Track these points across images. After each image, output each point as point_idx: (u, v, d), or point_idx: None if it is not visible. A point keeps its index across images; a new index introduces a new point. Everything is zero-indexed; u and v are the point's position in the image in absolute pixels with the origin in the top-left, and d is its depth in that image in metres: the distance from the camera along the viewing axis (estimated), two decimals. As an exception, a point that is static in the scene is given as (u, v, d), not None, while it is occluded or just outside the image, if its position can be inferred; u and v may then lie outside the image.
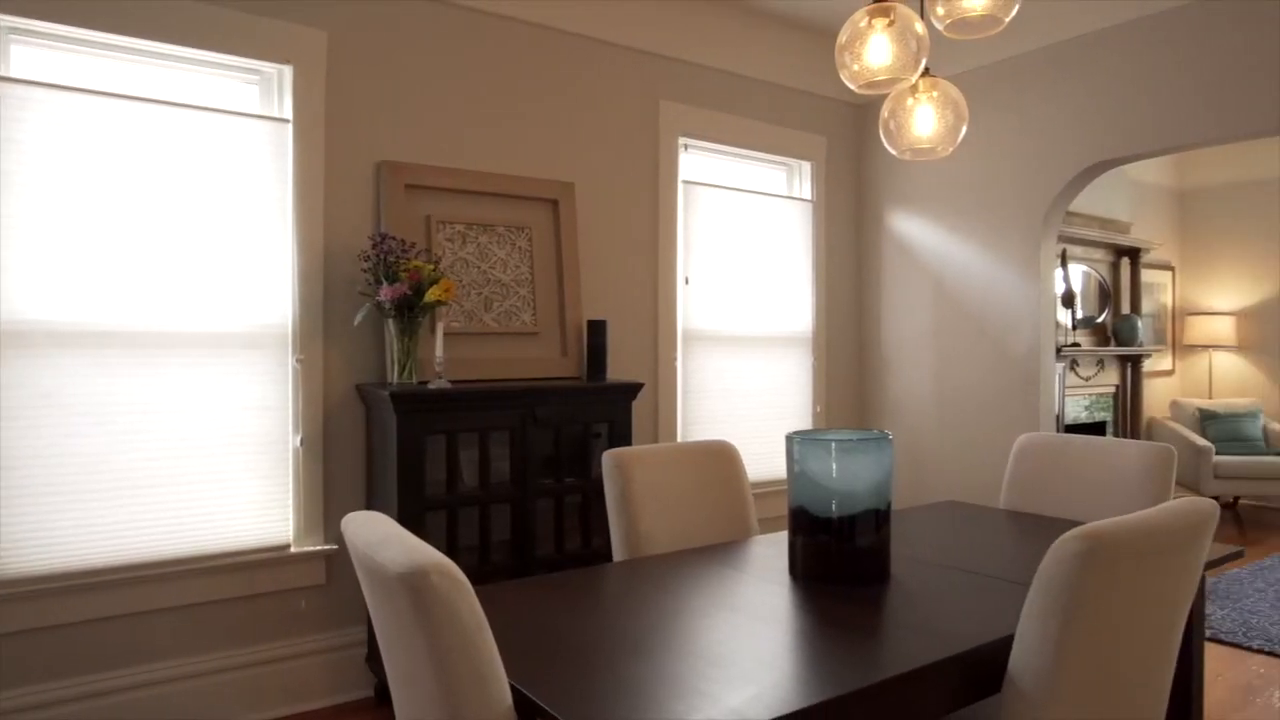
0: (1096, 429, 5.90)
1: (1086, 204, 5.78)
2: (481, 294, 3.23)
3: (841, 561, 1.80)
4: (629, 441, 3.26)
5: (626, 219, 3.77)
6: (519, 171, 3.43)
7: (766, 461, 4.24)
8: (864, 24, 1.88)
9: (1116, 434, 6.03)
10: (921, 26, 1.89)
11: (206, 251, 2.75)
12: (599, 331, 3.31)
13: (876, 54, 1.86)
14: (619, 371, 3.73)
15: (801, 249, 4.43)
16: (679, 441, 3.14)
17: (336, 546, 2.97)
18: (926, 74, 2.14)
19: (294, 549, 2.90)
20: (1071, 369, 5.63)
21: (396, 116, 3.13)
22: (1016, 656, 1.39)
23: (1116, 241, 5.94)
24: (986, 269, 4.13)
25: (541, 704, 1.19)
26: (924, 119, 2.13)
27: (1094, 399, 5.87)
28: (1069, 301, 5.67)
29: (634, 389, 3.26)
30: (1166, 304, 6.86)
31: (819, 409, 4.52)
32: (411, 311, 2.83)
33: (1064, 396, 5.53)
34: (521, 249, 3.35)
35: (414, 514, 2.73)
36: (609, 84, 3.70)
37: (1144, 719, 1.52)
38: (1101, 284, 6.06)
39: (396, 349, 2.86)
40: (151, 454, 2.66)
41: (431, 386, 2.80)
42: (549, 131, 3.52)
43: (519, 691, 1.24)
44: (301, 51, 2.91)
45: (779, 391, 4.34)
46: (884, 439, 1.79)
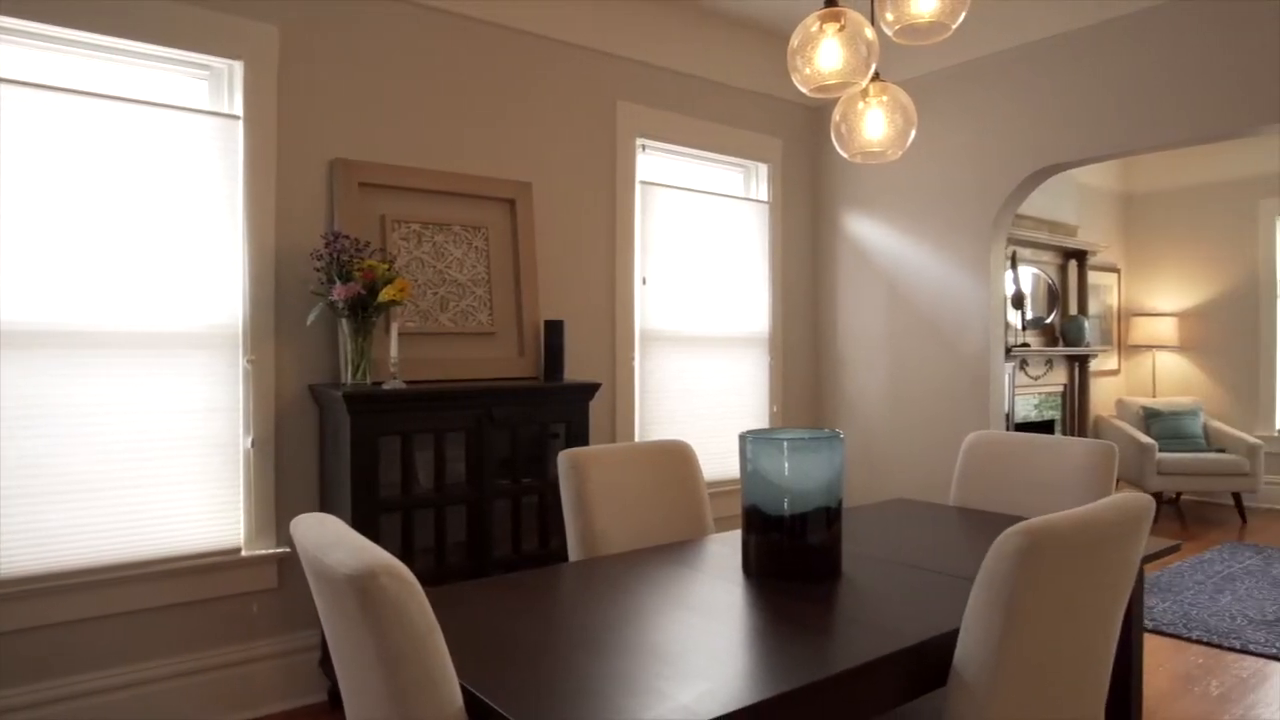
0: (1046, 427, 6.04)
1: (1036, 207, 5.92)
2: (438, 294, 3.21)
3: (793, 559, 1.82)
4: (586, 442, 3.26)
5: (584, 219, 3.77)
6: (476, 171, 3.41)
7: (724, 460, 4.28)
8: (815, 28, 1.90)
9: (1065, 432, 6.18)
10: (871, 32, 1.92)
11: (153, 250, 2.69)
12: (556, 331, 3.31)
13: (827, 58, 1.89)
14: (576, 372, 3.73)
15: (758, 250, 4.47)
16: (636, 441, 3.15)
17: (289, 550, 2.93)
18: (877, 79, 2.17)
19: (245, 552, 2.85)
20: (1021, 369, 5.76)
21: (351, 114, 3.10)
22: (961, 649, 1.43)
23: (1064, 244, 6.08)
24: (939, 270, 4.21)
25: (492, 705, 1.19)
26: (874, 123, 2.16)
27: (1043, 398, 6.01)
28: (1019, 302, 5.80)
29: (591, 389, 3.26)
30: (1112, 305, 7.05)
31: (776, 409, 4.56)
32: (365, 311, 2.80)
33: (1014, 395, 5.65)
34: (478, 249, 3.33)
35: (368, 516, 2.70)
36: (566, 84, 3.70)
37: (1084, 708, 1.57)
38: (1050, 285, 6.20)
39: (350, 349, 2.83)
40: (93, 457, 2.59)
41: (386, 387, 2.77)
42: (506, 131, 3.51)
43: (470, 693, 1.24)
44: (252, 46, 2.86)
45: (737, 391, 4.38)
46: (835, 438, 1.82)
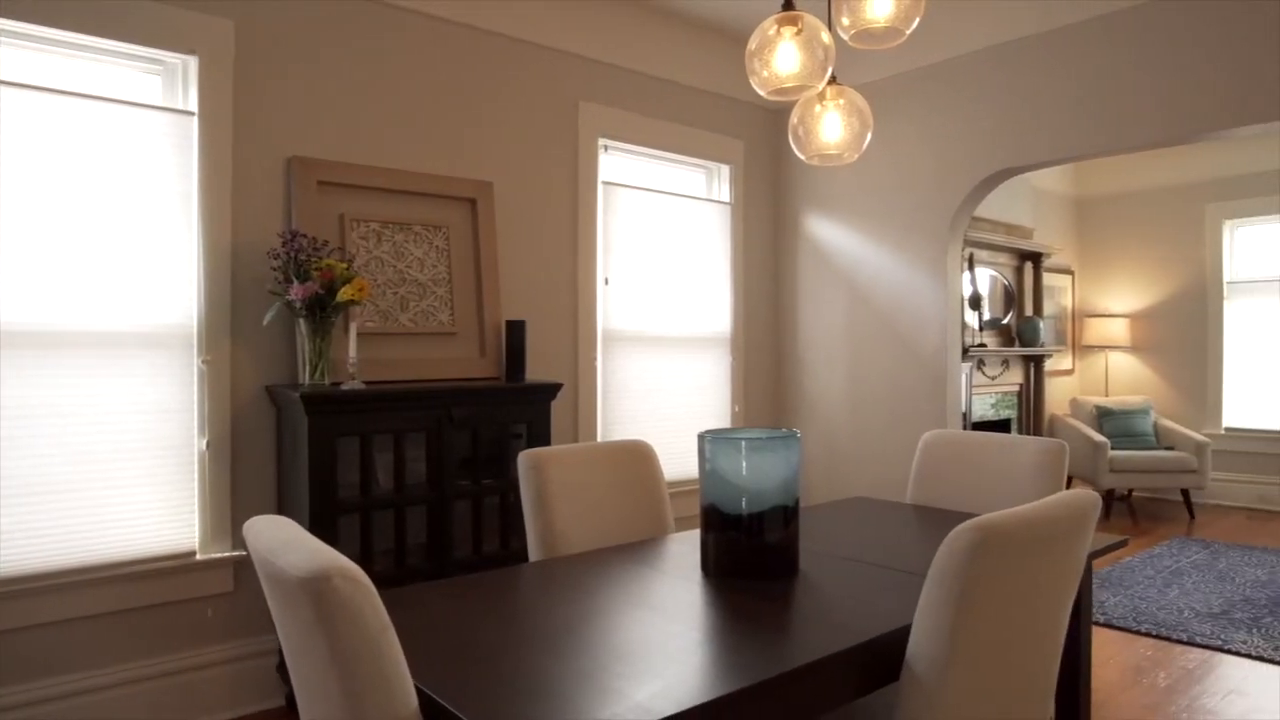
0: (1002, 426, 6.15)
1: (993, 210, 6.02)
2: (398, 293, 3.18)
3: (751, 557, 1.84)
4: (548, 442, 3.25)
5: (546, 219, 3.76)
6: (436, 170, 3.39)
7: (687, 460, 4.30)
8: (773, 32, 1.93)
9: (1021, 431, 6.30)
10: (828, 36, 1.95)
11: (104, 248, 2.64)
12: (518, 331, 3.30)
13: (784, 61, 1.91)
14: (538, 372, 3.72)
15: (720, 251, 4.50)
16: (596, 441, 3.15)
17: (244, 553, 2.88)
18: (833, 82, 2.20)
19: (200, 556, 2.81)
20: (978, 368, 5.86)
21: (309, 111, 3.06)
22: (913, 644, 1.45)
23: (1020, 246, 6.20)
24: (897, 271, 4.27)
25: (446, 705, 1.19)
26: (831, 126, 2.19)
27: (1000, 397, 6.12)
28: (975, 303, 5.90)
29: (553, 389, 3.26)
30: (1067, 306, 7.20)
31: (738, 409, 4.59)
32: (324, 311, 2.77)
33: (971, 395, 5.75)
34: (439, 248, 3.31)
35: (327, 518, 2.67)
36: (528, 84, 3.69)
37: (1034, 699, 1.60)
38: (1006, 287, 6.32)
39: (308, 349, 2.79)
40: (41, 460, 2.53)
41: (345, 387, 2.74)
42: (467, 130, 3.49)
43: (425, 694, 1.23)
44: (207, 41, 2.81)
45: (699, 391, 4.40)
46: (792, 437, 1.84)
